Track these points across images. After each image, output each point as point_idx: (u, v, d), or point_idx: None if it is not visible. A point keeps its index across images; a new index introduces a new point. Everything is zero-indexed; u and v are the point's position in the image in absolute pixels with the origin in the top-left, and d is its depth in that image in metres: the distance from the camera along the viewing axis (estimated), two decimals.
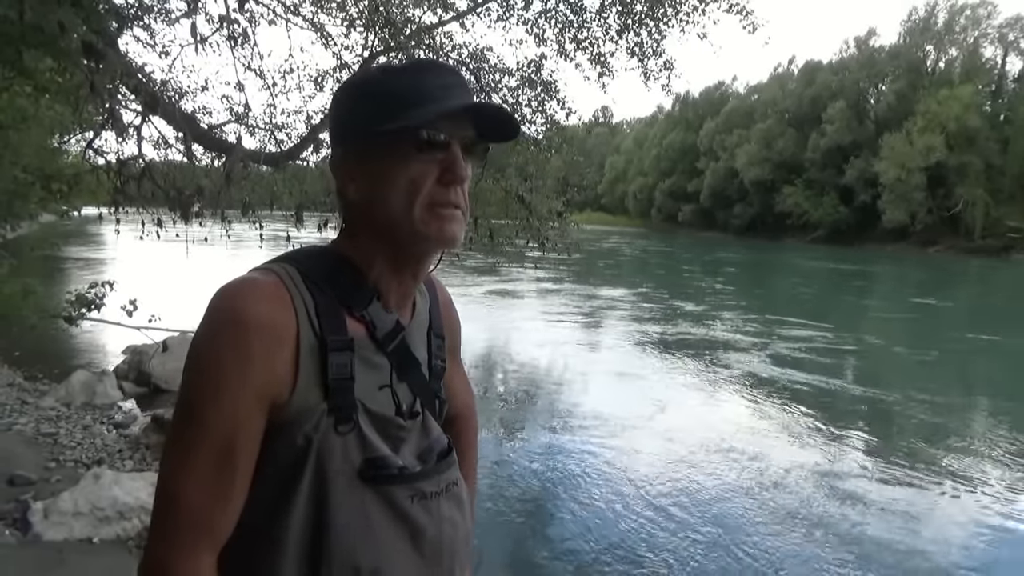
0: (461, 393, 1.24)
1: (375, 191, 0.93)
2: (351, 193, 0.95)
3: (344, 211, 0.99)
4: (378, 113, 0.91)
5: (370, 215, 0.94)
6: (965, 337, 14.50)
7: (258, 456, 0.88)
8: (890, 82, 57.90)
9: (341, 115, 0.98)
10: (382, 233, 0.94)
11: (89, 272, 17.55)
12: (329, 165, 1.00)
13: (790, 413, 8.08)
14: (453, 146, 0.93)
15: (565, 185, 9.15)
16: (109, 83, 5.37)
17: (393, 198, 0.92)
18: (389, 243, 0.95)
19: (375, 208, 0.94)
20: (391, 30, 7.36)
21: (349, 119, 0.96)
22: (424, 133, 0.91)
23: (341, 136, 0.98)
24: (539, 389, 9.18)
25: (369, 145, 0.93)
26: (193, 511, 0.85)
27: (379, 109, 0.91)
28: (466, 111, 0.94)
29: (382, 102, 0.92)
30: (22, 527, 3.79)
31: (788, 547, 4.84)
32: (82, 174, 8.08)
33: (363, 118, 0.93)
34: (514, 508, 5.34)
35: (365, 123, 0.92)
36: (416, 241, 0.94)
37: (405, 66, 0.95)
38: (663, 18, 7.59)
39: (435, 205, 0.92)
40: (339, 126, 0.98)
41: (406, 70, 0.94)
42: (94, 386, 7.09)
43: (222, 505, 0.86)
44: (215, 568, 0.87)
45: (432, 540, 0.97)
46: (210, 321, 0.86)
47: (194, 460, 0.84)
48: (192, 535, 0.85)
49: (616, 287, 20.95)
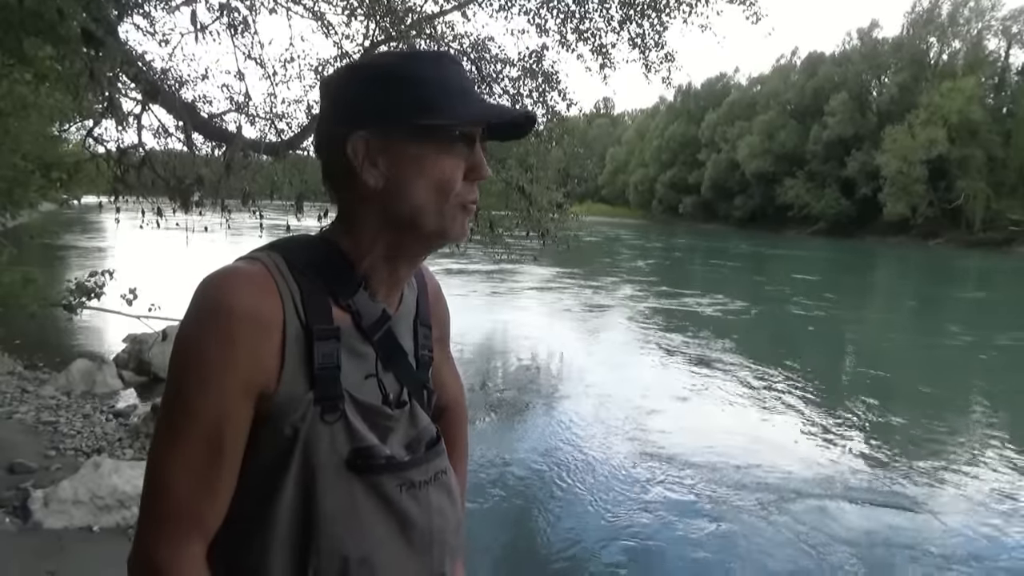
0: (450, 384, 1.23)
1: (402, 180, 0.91)
2: (371, 179, 0.91)
3: (347, 195, 0.95)
4: (414, 103, 0.90)
5: (391, 203, 0.92)
6: (958, 330, 14.51)
7: (245, 446, 0.88)
8: (893, 74, 57.71)
9: (361, 97, 0.92)
10: (398, 222, 0.93)
11: (89, 261, 17.54)
12: (327, 147, 0.95)
13: (787, 400, 8.09)
14: (478, 143, 0.94)
15: (566, 176, 9.14)
16: (109, 71, 5.35)
17: (423, 190, 0.91)
18: (404, 233, 0.94)
19: (400, 197, 0.92)
20: (392, 19, 7.35)
21: (374, 103, 0.91)
22: (458, 130, 0.92)
23: (360, 118, 0.91)
24: (535, 379, 9.19)
25: (400, 134, 0.91)
26: (181, 501, 0.85)
27: (414, 99, 0.90)
28: (514, 119, 0.99)
29: (419, 93, 0.90)
30: (22, 515, 3.80)
31: (784, 541, 4.86)
32: (82, 162, 8.08)
33: (395, 106, 0.90)
34: (508, 499, 5.35)
35: (398, 112, 0.90)
36: (437, 235, 0.95)
37: (428, 55, 0.97)
38: (665, 9, 7.56)
39: (464, 202, 0.94)
40: (357, 108, 0.92)
41: (432, 61, 0.94)
42: (94, 375, 7.10)
43: (211, 496, 0.86)
44: (203, 558, 0.87)
45: (422, 530, 0.96)
46: (196, 311, 0.86)
47: (182, 451, 0.84)
48: (181, 525, 0.85)
49: (615, 278, 20.95)
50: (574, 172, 9.53)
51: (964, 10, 55.36)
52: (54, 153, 8.75)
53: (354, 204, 0.95)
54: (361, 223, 0.95)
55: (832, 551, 4.71)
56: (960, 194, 47.64)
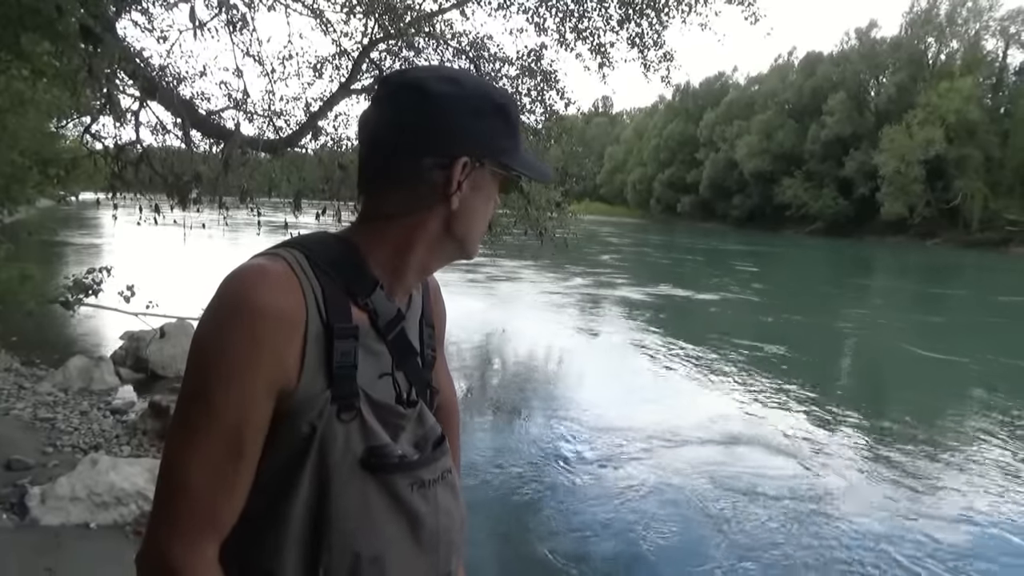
0: (443, 384, 1.23)
1: (472, 208, 0.98)
2: (456, 201, 0.95)
3: (407, 206, 0.95)
4: (509, 144, 0.98)
5: (454, 225, 0.98)
6: (955, 331, 14.55)
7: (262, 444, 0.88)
8: (891, 74, 57.78)
9: (468, 123, 0.94)
10: (450, 241, 1.00)
11: (87, 257, 17.52)
12: (410, 156, 0.94)
13: (785, 400, 8.11)
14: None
15: (564, 175, 9.13)
16: (107, 67, 5.34)
17: (481, 220, 1.01)
18: (447, 251, 1.01)
19: (463, 222, 0.98)
20: (391, 17, 7.34)
21: (480, 133, 0.95)
22: (522, 179, 1.03)
23: (464, 143, 0.94)
24: (532, 378, 9.20)
25: (489, 166, 0.97)
26: (199, 499, 0.84)
27: (508, 139, 0.98)
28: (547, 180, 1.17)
29: (513, 136, 0.99)
30: (19, 512, 3.80)
31: (785, 540, 4.87)
32: (79, 159, 8.06)
33: (496, 141, 0.97)
34: (505, 497, 5.36)
35: (497, 148, 0.97)
36: (466, 256, 1.04)
37: (511, 97, 1.03)
38: (664, 9, 7.56)
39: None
40: (463, 132, 0.94)
41: (514, 104, 1.02)
42: (91, 372, 7.08)
43: (228, 495, 0.86)
44: (217, 558, 0.87)
45: (431, 529, 0.97)
46: (221, 307, 0.85)
47: (201, 449, 0.83)
48: (196, 524, 0.84)
49: (613, 277, 20.96)
50: (572, 171, 9.52)
51: (962, 10, 55.44)
52: (51, 149, 8.75)
53: (415, 214, 0.96)
54: (412, 232, 0.97)
55: (832, 549, 4.72)
56: (958, 194, 47.71)
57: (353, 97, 7.89)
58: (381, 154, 0.95)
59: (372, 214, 0.98)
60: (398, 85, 0.96)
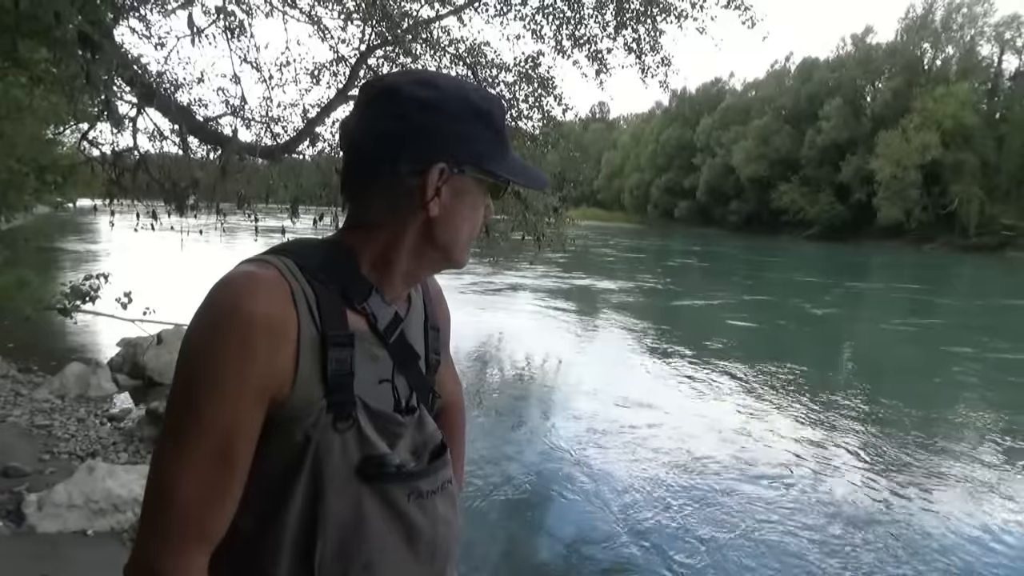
0: (450, 385, 1.23)
1: (454, 214, 0.96)
2: (434, 208, 0.93)
3: (391, 211, 0.94)
4: (491, 149, 0.96)
5: (436, 231, 0.96)
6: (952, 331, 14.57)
7: (254, 452, 0.87)
8: (887, 79, 57.95)
9: (445, 128, 0.93)
10: (433, 247, 0.97)
11: (84, 264, 17.49)
12: (389, 161, 0.92)
13: (782, 401, 8.11)
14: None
15: (561, 181, 9.14)
16: (104, 74, 5.32)
17: (466, 226, 0.99)
18: (432, 258, 0.99)
19: (446, 228, 0.96)
20: (388, 24, 7.35)
21: (458, 138, 0.93)
22: (510, 184, 0.99)
23: (440, 149, 0.92)
24: (532, 381, 9.19)
25: (470, 172, 0.95)
26: (187, 510, 0.82)
27: (492, 144, 0.96)
28: (543, 187, 1.11)
29: (496, 141, 0.97)
30: (16, 519, 3.79)
31: (784, 539, 4.86)
32: (77, 165, 8.07)
33: (476, 146, 0.95)
34: (505, 498, 5.35)
35: (477, 154, 0.95)
36: (454, 264, 1.01)
37: (499, 100, 1.01)
38: (661, 14, 7.58)
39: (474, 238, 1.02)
40: (440, 137, 0.92)
41: (501, 107, 1.00)
42: (88, 378, 7.07)
43: (218, 505, 0.84)
44: (206, 568, 0.85)
45: (427, 539, 0.96)
46: (210, 315, 0.84)
47: (190, 459, 0.82)
48: (185, 534, 0.83)
49: (610, 282, 20.96)
50: (570, 176, 9.54)
51: (957, 16, 55.70)
52: (49, 156, 8.74)
53: (396, 221, 0.95)
54: (394, 239, 0.95)
55: (831, 548, 4.73)
56: (954, 199, 47.85)
57: (350, 103, 7.90)
58: (361, 161, 0.95)
59: (356, 221, 0.97)
60: (376, 91, 0.95)
